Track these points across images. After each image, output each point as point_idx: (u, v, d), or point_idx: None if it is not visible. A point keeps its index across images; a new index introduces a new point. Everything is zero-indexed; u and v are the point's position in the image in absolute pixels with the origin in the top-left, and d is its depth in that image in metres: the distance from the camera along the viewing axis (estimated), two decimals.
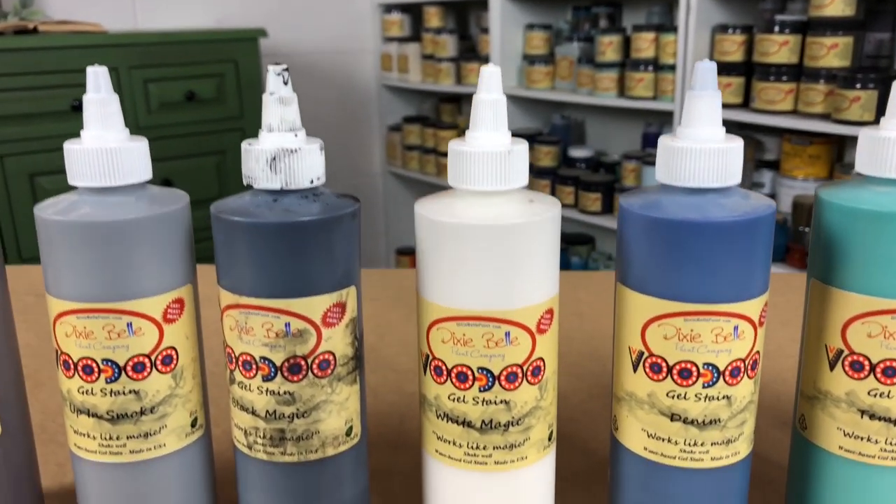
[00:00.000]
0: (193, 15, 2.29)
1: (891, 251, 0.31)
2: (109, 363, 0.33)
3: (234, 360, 0.34)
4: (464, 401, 0.33)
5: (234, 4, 2.32)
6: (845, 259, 0.33)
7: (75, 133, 0.34)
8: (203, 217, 0.38)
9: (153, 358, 0.34)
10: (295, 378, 0.33)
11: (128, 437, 0.34)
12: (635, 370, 0.34)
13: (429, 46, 2.42)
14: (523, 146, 0.32)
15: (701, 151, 0.31)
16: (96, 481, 0.35)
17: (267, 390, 0.33)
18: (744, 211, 0.31)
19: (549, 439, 0.35)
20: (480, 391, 0.33)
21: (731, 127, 1.80)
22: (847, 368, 0.33)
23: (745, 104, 1.70)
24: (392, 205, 2.71)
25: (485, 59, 2.26)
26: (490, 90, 0.32)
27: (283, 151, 0.32)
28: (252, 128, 2.01)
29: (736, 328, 0.32)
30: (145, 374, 0.34)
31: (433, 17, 2.41)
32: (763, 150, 1.84)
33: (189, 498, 0.37)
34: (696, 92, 0.32)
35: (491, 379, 0.33)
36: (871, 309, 0.32)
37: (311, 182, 0.33)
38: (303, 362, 0.33)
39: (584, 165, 2.14)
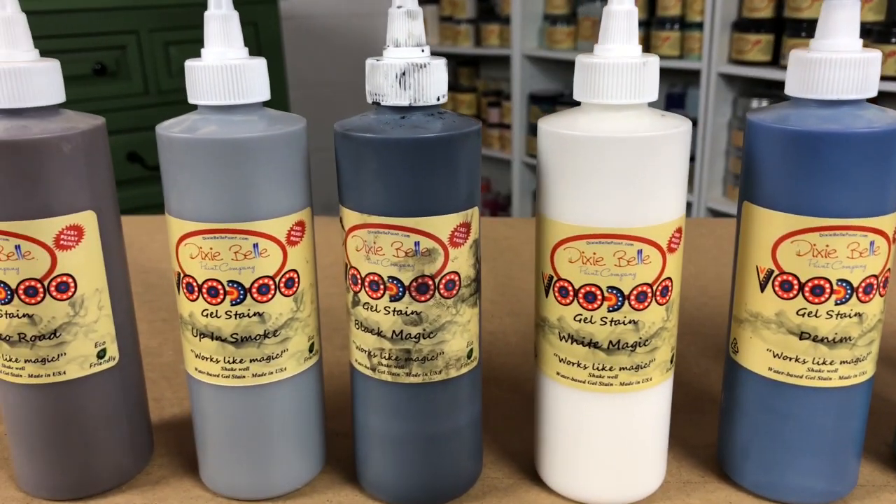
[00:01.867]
0: None
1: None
2: (235, 285, 0.33)
3: (359, 280, 0.33)
4: (591, 321, 0.33)
5: None
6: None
7: (98, 97, 0.34)
8: None
9: (277, 280, 0.34)
10: (422, 298, 0.33)
11: (251, 361, 0.34)
12: (763, 289, 0.33)
13: (447, 8, 2.39)
14: (656, 59, 0.32)
15: (840, 62, 0.31)
16: (216, 405, 0.35)
17: (394, 310, 0.33)
18: (885, 123, 0.31)
19: (671, 361, 0.35)
20: (609, 311, 0.33)
21: (760, 85, 1.79)
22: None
23: (775, 62, 1.67)
24: None
25: (505, 20, 2.24)
26: (623, 0, 0.32)
27: (413, 66, 0.31)
28: (273, 92, 1.99)
29: (872, 243, 0.32)
30: (269, 296, 0.34)
31: None
32: None
33: (305, 422, 0.37)
34: (833, 2, 0.32)
35: (621, 298, 0.32)
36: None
37: (438, 99, 0.32)
38: (430, 282, 0.32)
39: None
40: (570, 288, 0.33)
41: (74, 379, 0.35)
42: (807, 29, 1.58)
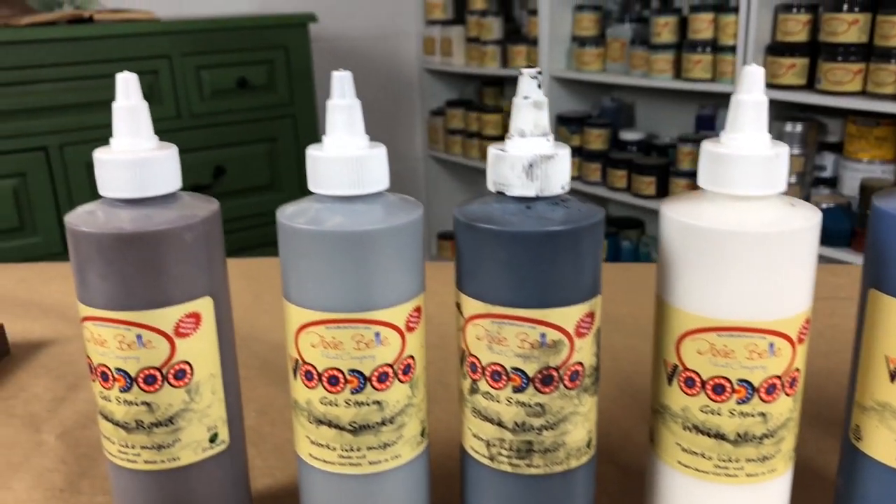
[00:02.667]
0: (236, 1, 2.28)
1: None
2: (356, 373, 0.33)
3: (479, 369, 0.33)
4: (719, 413, 0.32)
5: None
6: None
7: None
8: (252, 204, 0.36)
9: (395, 367, 0.33)
10: (547, 389, 0.32)
11: (368, 448, 0.34)
12: (893, 380, 0.33)
13: (473, 29, 2.40)
14: (786, 149, 0.31)
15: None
16: (331, 492, 0.35)
17: (517, 401, 0.32)
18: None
19: (794, 450, 0.34)
20: (738, 403, 0.32)
21: (794, 109, 1.78)
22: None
23: (810, 85, 1.66)
24: (433, 189, 2.69)
25: (532, 42, 2.24)
26: (752, 90, 0.31)
27: (540, 158, 0.31)
28: (303, 115, 2.00)
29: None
30: (388, 384, 0.33)
31: (478, 0, 2.39)
32: (825, 132, 1.81)
33: None
34: None
35: (750, 391, 0.32)
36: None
37: (562, 188, 0.32)
38: (555, 373, 0.32)
39: (635, 148, 2.12)
40: (698, 379, 0.32)
41: (188, 464, 0.35)
42: (843, 53, 1.57)
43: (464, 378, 0.34)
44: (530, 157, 0.31)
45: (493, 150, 0.32)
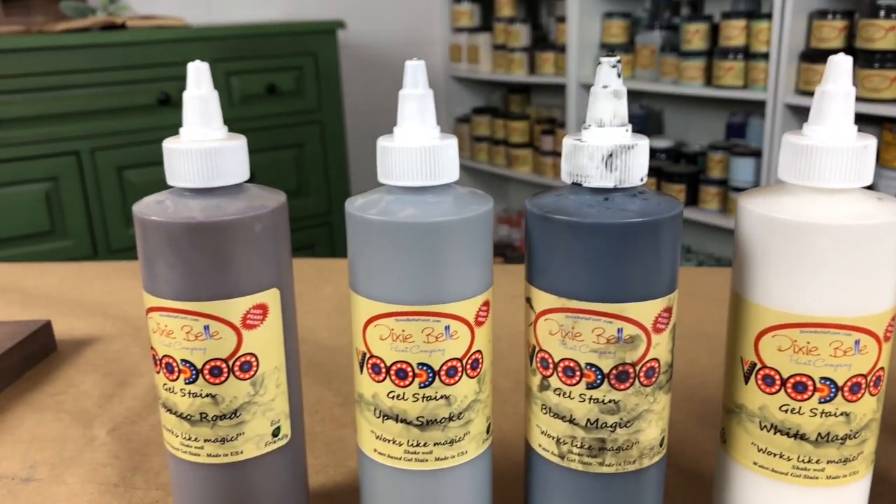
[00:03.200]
0: (265, 7, 2.29)
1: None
2: (424, 367, 0.32)
3: (550, 365, 0.32)
4: (799, 412, 0.31)
5: None
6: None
7: (163, 127, 0.33)
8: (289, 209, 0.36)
9: (464, 362, 0.32)
10: (622, 386, 0.31)
11: (434, 444, 0.33)
12: None
13: (500, 36, 2.40)
14: (873, 141, 0.30)
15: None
16: (396, 488, 0.34)
17: (590, 398, 0.32)
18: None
19: (871, 461, 0.33)
20: (820, 402, 0.31)
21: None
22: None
23: None
24: None
25: (560, 49, 2.24)
26: (838, 80, 0.30)
27: (620, 148, 0.30)
28: (331, 121, 2.01)
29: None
30: (456, 378, 0.33)
31: (505, 7, 2.39)
32: None
33: None
34: None
35: (834, 390, 0.31)
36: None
37: (641, 180, 0.31)
38: (631, 370, 0.31)
39: (664, 156, 2.10)
40: (778, 377, 0.31)
41: (250, 458, 0.34)
42: (880, 60, 1.55)
43: (533, 374, 0.33)
44: (610, 147, 0.30)
45: (569, 140, 0.31)
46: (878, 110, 1.57)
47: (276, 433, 0.35)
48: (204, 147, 0.32)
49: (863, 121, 1.76)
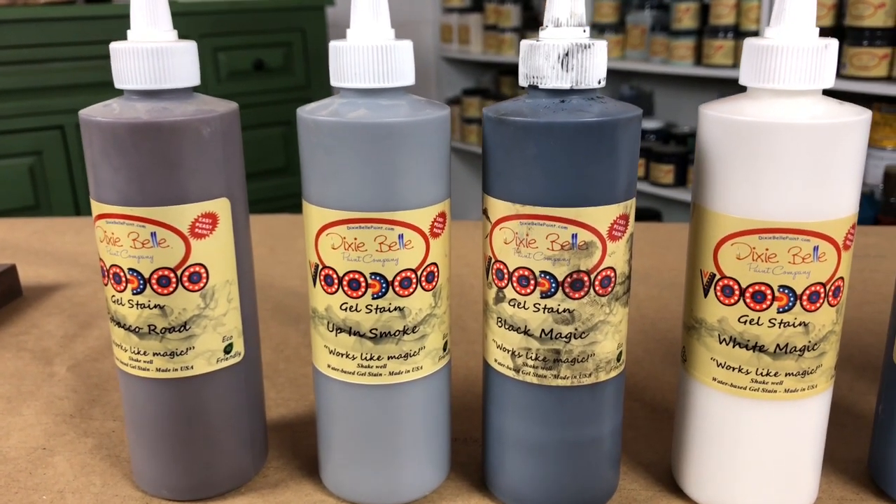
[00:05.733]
0: None
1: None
2: (378, 277, 0.31)
3: (505, 275, 0.31)
4: (758, 323, 0.31)
5: None
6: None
7: None
8: (268, 188, 0.35)
9: (419, 274, 0.32)
10: (576, 295, 0.31)
11: (388, 358, 0.32)
12: None
13: (491, 16, 2.38)
14: (834, 42, 0.30)
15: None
16: (349, 404, 0.33)
17: (545, 307, 0.31)
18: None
19: (835, 369, 0.33)
20: (779, 312, 0.30)
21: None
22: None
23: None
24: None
25: None
26: None
27: (577, 47, 0.29)
28: (319, 98, 1.99)
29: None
30: (410, 290, 0.32)
31: None
32: None
33: (435, 425, 0.35)
34: None
35: (793, 299, 0.30)
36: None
37: (599, 82, 0.30)
38: (586, 278, 0.31)
39: (654, 137, 2.10)
40: (737, 287, 0.31)
41: (201, 374, 0.34)
42: (869, 38, 1.55)
43: (489, 287, 0.33)
44: (566, 45, 0.29)
45: (525, 41, 0.30)
46: (867, 88, 1.56)
47: (227, 349, 0.34)
48: (152, 47, 0.31)
49: (851, 99, 1.75)
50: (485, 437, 0.35)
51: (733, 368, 0.32)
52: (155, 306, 0.32)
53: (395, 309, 0.32)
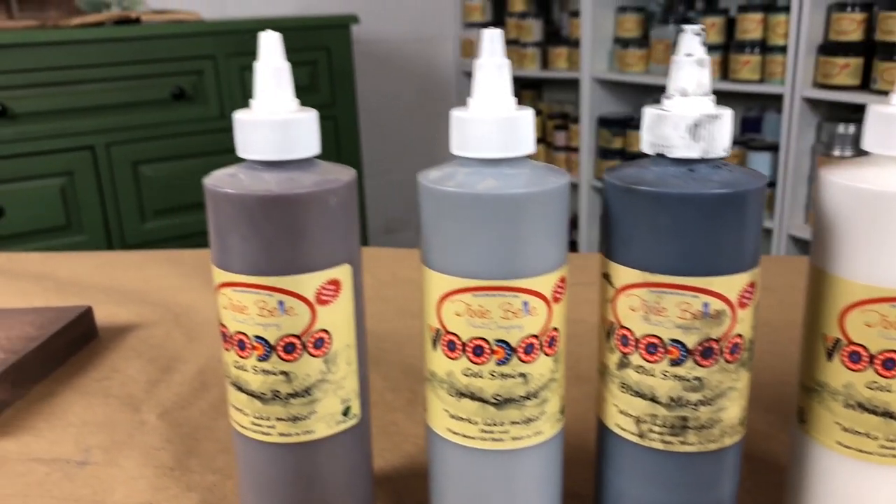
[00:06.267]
0: (279, 2, 2.29)
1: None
2: (502, 344, 0.31)
3: (632, 342, 0.32)
4: (888, 390, 0.31)
5: None
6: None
7: (177, 121, 0.33)
8: None
9: (541, 339, 0.32)
10: (706, 363, 0.31)
11: (511, 423, 0.32)
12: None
13: (513, 31, 2.39)
14: None
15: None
16: (469, 468, 0.34)
17: (674, 375, 0.31)
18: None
19: None
20: None
21: (848, 110, 1.75)
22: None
23: (864, 86, 1.63)
24: None
25: (573, 43, 2.23)
26: None
27: (706, 118, 0.30)
28: (344, 116, 2.00)
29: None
30: (534, 355, 0.32)
31: (517, 2, 2.38)
32: None
33: (552, 487, 0.35)
34: None
35: None
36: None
37: (724, 151, 0.30)
38: (716, 346, 0.31)
39: None
40: (865, 353, 0.31)
41: (321, 438, 0.34)
42: None
43: (611, 352, 0.33)
44: (696, 116, 0.30)
45: (651, 109, 0.31)
46: None
47: (346, 412, 0.34)
48: (278, 118, 0.31)
49: None
50: (600, 499, 0.35)
51: (860, 434, 0.32)
52: (280, 372, 0.32)
53: (519, 375, 0.32)
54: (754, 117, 1.99)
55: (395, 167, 2.47)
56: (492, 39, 0.31)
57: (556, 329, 0.32)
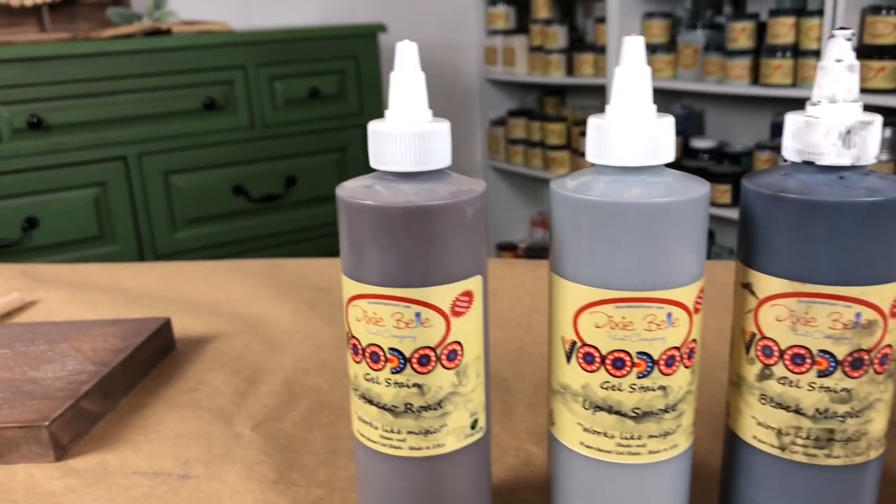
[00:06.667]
0: (304, 12, 2.30)
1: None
2: (644, 356, 0.31)
3: (775, 353, 0.31)
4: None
5: (341, 0, 2.32)
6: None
7: (208, 131, 0.33)
8: (322, 214, 0.34)
9: (682, 351, 0.31)
10: (856, 374, 0.30)
11: (649, 437, 0.32)
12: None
13: (537, 38, 2.39)
14: None
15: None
16: (602, 483, 0.33)
17: (821, 387, 0.30)
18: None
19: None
20: None
21: (884, 112, 1.73)
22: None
23: None
24: (493, 199, 2.68)
25: (600, 50, 2.22)
26: None
27: (859, 125, 0.29)
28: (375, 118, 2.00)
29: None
30: (674, 367, 0.31)
31: (541, 9, 2.38)
32: None
33: (681, 498, 0.34)
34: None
35: None
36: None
37: (874, 158, 0.30)
38: (866, 356, 0.30)
39: (707, 156, 2.08)
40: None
41: (450, 452, 0.33)
42: None
43: (750, 364, 0.32)
44: (849, 123, 0.29)
45: (797, 116, 0.30)
46: None
47: (473, 425, 0.34)
48: (416, 130, 0.31)
49: None
50: None
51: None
52: (413, 385, 0.32)
53: (659, 388, 0.31)
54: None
55: None
56: (633, 47, 0.31)
57: (694, 340, 0.32)
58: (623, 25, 2.12)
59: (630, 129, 0.30)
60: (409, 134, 0.31)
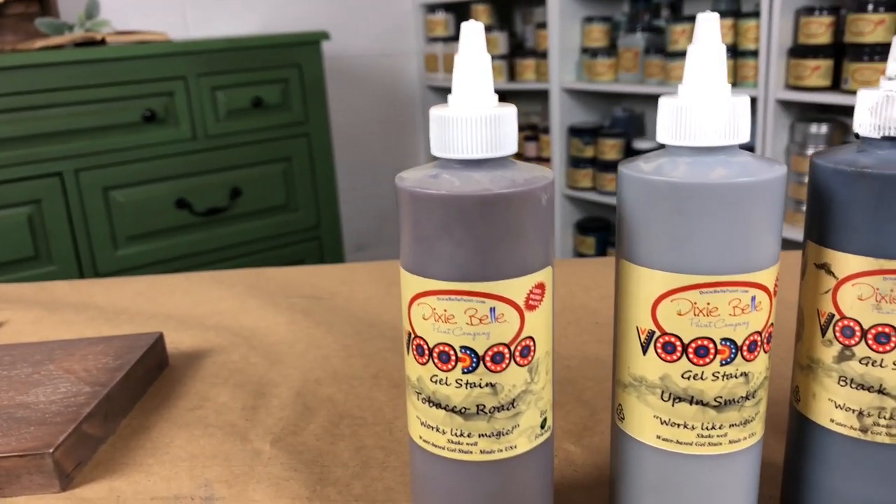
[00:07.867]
0: (242, 21, 2.25)
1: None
2: (728, 343, 0.30)
3: (857, 333, 0.30)
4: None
5: (279, 9, 2.28)
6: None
7: (148, 144, 0.31)
8: (269, 225, 0.33)
9: (763, 335, 0.30)
10: None
11: (730, 426, 0.31)
12: None
13: None
14: None
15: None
16: (682, 475, 0.32)
17: None
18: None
19: None
20: None
21: (819, 110, 1.80)
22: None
23: (836, 86, 1.68)
24: None
25: (540, 55, 2.24)
26: None
27: None
28: (317, 133, 1.96)
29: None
30: (756, 353, 0.30)
31: (482, 15, 2.39)
32: (849, 133, 1.83)
33: (756, 488, 0.33)
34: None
35: None
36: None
37: None
38: None
39: None
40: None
41: (521, 454, 0.32)
42: (869, 53, 1.59)
43: (827, 346, 0.31)
44: None
45: (877, 91, 0.30)
46: None
47: (543, 424, 0.32)
48: (488, 114, 0.29)
49: (851, 114, 1.80)
50: (806, 499, 0.34)
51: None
52: (486, 384, 0.30)
53: (741, 375, 0.30)
54: None
55: (367, 182, 2.44)
56: (708, 25, 0.30)
57: (772, 324, 0.31)
58: (563, 30, 2.15)
59: (711, 108, 0.29)
60: (480, 118, 0.29)
